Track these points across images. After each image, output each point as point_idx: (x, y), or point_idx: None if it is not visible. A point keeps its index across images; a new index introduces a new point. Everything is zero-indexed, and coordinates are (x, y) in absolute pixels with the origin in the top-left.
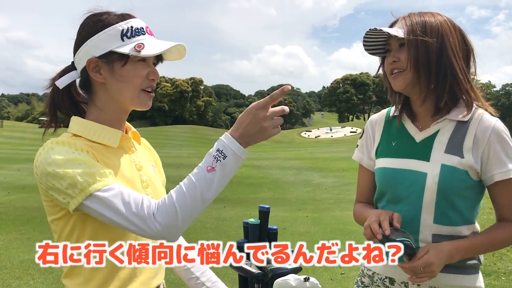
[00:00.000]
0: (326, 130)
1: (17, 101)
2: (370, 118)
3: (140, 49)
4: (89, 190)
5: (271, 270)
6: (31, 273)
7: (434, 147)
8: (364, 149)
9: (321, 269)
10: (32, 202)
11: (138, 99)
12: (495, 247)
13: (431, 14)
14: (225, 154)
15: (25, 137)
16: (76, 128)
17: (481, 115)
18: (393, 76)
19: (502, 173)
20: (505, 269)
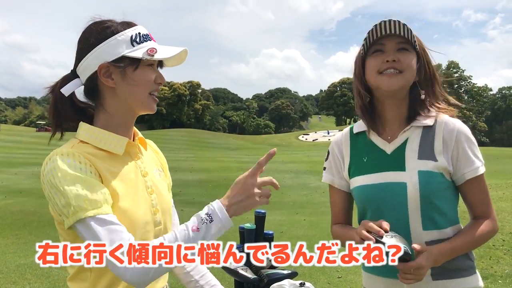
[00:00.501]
0: (323, 133)
1: (14, 104)
2: (333, 139)
3: (153, 53)
4: (79, 215)
5: (266, 275)
6: (27, 278)
7: (406, 155)
8: (333, 170)
9: (318, 273)
10: (29, 207)
11: (147, 103)
12: (475, 245)
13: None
14: (212, 218)
15: (22, 141)
16: (83, 135)
17: (445, 119)
18: (389, 74)
19: (471, 171)
20: (501, 272)
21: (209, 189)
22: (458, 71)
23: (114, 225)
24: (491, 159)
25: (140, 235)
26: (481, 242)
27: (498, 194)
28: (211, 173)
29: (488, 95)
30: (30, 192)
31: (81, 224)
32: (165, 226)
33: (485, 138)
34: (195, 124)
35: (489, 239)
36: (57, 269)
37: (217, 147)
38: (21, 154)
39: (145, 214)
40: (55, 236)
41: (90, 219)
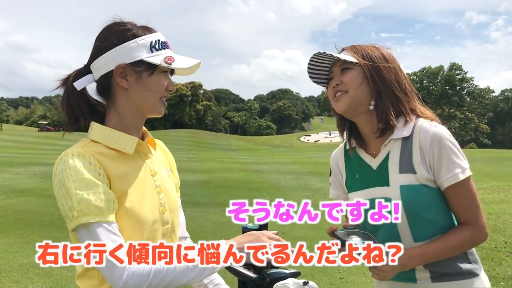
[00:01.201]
0: (325, 134)
1: (16, 104)
2: (332, 155)
3: (171, 62)
4: (80, 220)
5: (269, 275)
6: (30, 277)
7: (389, 170)
8: (337, 186)
9: (320, 273)
10: (31, 206)
11: (157, 107)
12: (452, 251)
13: (373, 47)
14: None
15: (24, 140)
16: (95, 134)
17: (420, 128)
18: (336, 98)
19: (450, 177)
20: (504, 274)
21: (210, 190)
22: (460, 73)
23: (115, 236)
24: (493, 161)
25: (148, 234)
26: (460, 249)
27: (500, 196)
28: (212, 174)
29: (491, 97)
30: (32, 192)
31: (84, 229)
32: (173, 225)
33: (487, 140)
34: (196, 125)
35: (472, 247)
36: (60, 268)
37: (218, 148)
38: (23, 154)
39: (153, 212)
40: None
41: (93, 225)
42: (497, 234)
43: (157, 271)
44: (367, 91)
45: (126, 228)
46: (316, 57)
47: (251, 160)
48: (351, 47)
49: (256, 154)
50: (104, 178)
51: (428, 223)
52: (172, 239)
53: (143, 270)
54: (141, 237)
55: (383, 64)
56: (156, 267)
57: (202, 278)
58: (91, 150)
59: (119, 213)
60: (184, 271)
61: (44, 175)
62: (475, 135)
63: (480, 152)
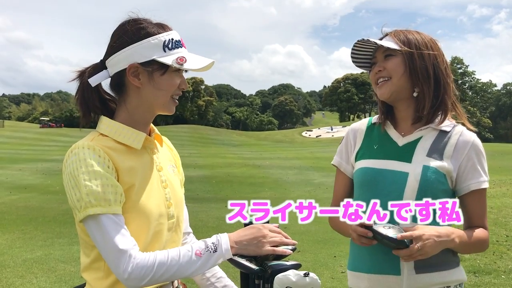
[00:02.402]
0: (327, 129)
1: (18, 101)
2: (351, 126)
3: (182, 62)
4: (88, 211)
5: (270, 266)
6: (34, 272)
7: (416, 151)
8: (343, 154)
9: (322, 267)
10: (34, 202)
11: (168, 105)
12: (477, 245)
13: (416, 32)
14: (216, 249)
15: (26, 137)
16: (104, 128)
17: (462, 129)
18: (379, 85)
19: (477, 182)
20: (505, 267)
21: (212, 185)
22: (462, 67)
23: (122, 228)
24: (495, 155)
25: (154, 228)
26: (477, 248)
27: (502, 190)
28: (214, 169)
29: (493, 90)
30: (35, 188)
31: (92, 221)
32: (178, 219)
33: (489, 134)
34: (198, 120)
35: (481, 250)
36: (63, 263)
37: (220, 143)
38: (25, 150)
39: (159, 206)
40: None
41: (101, 216)
42: (498, 227)
43: (161, 263)
44: (410, 78)
45: (132, 221)
46: (359, 43)
47: (253, 156)
48: (395, 33)
49: (258, 150)
50: (112, 170)
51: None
52: (177, 233)
53: (147, 262)
54: (147, 231)
55: (425, 51)
56: (161, 258)
57: (205, 270)
58: (100, 143)
59: (126, 206)
60: (187, 263)
61: (46, 171)
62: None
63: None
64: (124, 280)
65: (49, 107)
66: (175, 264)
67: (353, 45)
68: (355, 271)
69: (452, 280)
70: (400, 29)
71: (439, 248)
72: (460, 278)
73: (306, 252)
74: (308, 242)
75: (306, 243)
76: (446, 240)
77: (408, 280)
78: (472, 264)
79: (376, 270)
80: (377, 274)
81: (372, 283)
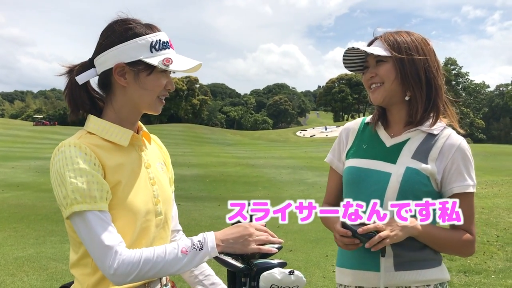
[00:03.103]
0: (321, 129)
1: (11, 98)
2: (345, 125)
3: (168, 64)
4: (74, 208)
5: (256, 264)
6: (25, 270)
7: (402, 153)
8: (336, 152)
9: (313, 267)
10: (26, 200)
11: (154, 105)
12: (452, 245)
13: (407, 34)
14: (202, 247)
15: (19, 134)
16: (91, 126)
17: (450, 133)
18: (372, 90)
19: (460, 186)
20: (495, 267)
21: (206, 184)
22: (456, 68)
23: (108, 225)
24: (488, 156)
25: (141, 224)
26: (454, 248)
27: (493, 190)
28: (208, 168)
29: (486, 92)
30: (27, 186)
31: (77, 217)
32: (166, 216)
33: (482, 135)
34: (192, 119)
35: (462, 253)
36: (55, 261)
37: (214, 142)
38: (19, 148)
39: (147, 203)
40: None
41: (87, 213)
42: (489, 228)
43: (147, 259)
44: (401, 83)
45: (120, 218)
46: (349, 50)
47: (247, 155)
48: (385, 37)
49: (252, 149)
50: (99, 168)
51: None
52: (165, 230)
53: (133, 258)
54: (134, 227)
55: (416, 56)
56: (147, 254)
57: (191, 267)
58: (87, 141)
59: (113, 202)
60: (173, 259)
61: (39, 169)
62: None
63: (475, 147)
64: (110, 276)
65: (43, 105)
66: (161, 261)
67: (343, 53)
68: (341, 267)
69: (432, 279)
70: (391, 32)
71: (404, 233)
72: (441, 277)
73: (298, 251)
74: (300, 241)
75: (298, 242)
76: (408, 226)
77: (386, 276)
78: (462, 264)
79: (358, 266)
80: (359, 270)
81: (354, 279)
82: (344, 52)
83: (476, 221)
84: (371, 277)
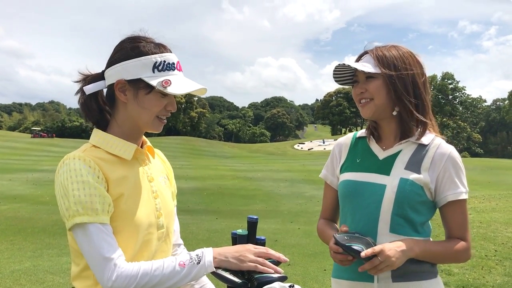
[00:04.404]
0: (319, 142)
1: (10, 110)
2: (337, 140)
3: (166, 86)
4: (75, 220)
5: (256, 278)
6: (21, 283)
7: (395, 164)
8: (329, 168)
9: (312, 281)
10: (24, 213)
11: (152, 124)
12: (448, 256)
13: (395, 48)
14: (199, 260)
15: (17, 146)
16: (96, 140)
17: (440, 142)
18: (361, 105)
19: (454, 194)
20: (493, 282)
21: (203, 197)
22: (453, 82)
23: (108, 237)
24: (485, 170)
25: (143, 237)
26: (450, 258)
27: (491, 205)
28: (206, 181)
29: (483, 106)
30: (25, 198)
31: (79, 229)
32: (168, 230)
33: (479, 149)
34: (190, 132)
35: (459, 261)
36: (52, 275)
37: (212, 155)
38: (16, 160)
39: (149, 216)
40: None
41: (88, 225)
42: (487, 242)
43: (144, 273)
44: (391, 99)
45: (122, 230)
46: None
47: (245, 168)
48: (375, 52)
49: (250, 162)
50: (102, 181)
51: (407, 220)
52: (167, 243)
53: (131, 271)
54: (136, 240)
55: (404, 72)
56: (145, 268)
57: (188, 280)
58: (92, 154)
59: (115, 215)
60: (170, 273)
61: (36, 182)
62: (468, 144)
63: (472, 161)
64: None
65: (41, 117)
66: (159, 274)
67: (333, 69)
68: (337, 278)
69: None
70: (379, 46)
71: (402, 258)
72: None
73: (296, 265)
74: (298, 255)
75: (297, 256)
76: (407, 250)
77: (384, 287)
78: (461, 279)
79: (355, 277)
80: (355, 281)
81: None
82: (334, 69)
83: (474, 236)
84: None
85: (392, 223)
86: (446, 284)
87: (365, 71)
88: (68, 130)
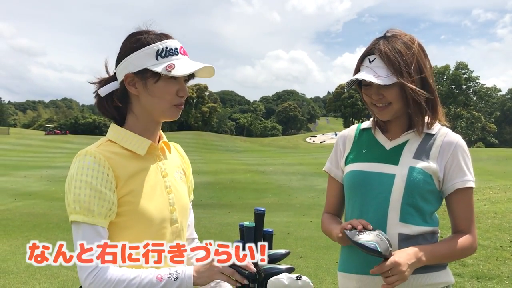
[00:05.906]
0: (331, 135)
1: (24, 108)
2: (340, 133)
3: (171, 69)
4: (71, 217)
5: (264, 270)
6: (37, 278)
7: (403, 154)
8: (333, 160)
9: (324, 273)
10: (38, 209)
11: (168, 112)
12: (455, 254)
13: (400, 42)
14: (177, 278)
15: (31, 144)
16: (112, 134)
17: (447, 131)
18: (380, 108)
19: (461, 181)
20: (508, 273)
21: (216, 191)
22: (466, 72)
23: (100, 239)
24: (500, 160)
25: (156, 232)
26: (457, 256)
27: (506, 195)
28: (218, 175)
29: (498, 95)
30: (39, 195)
31: (75, 226)
32: (181, 224)
33: (494, 139)
34: (202, 127)
35: (465, 256)
36: (66, 269)
37: (224, 149)
38: (30, 157)
39: (162, 211)
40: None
41: (81, 224)
42: (502, 233)
43: (121, 280)
44: (406, 101)
45: (134, 225)
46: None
47: (257, 162)
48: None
49: (262, 156)
50: (111, 179)
51: (416, 209)
52: (181, 238)
53: (109, 276)
54: (150, 235)
55: (417, 77)
56: (123, 274)
57: None
58: (106, 149)
59: (126, 209)
60: (147, 283)
61: (51, 178)
62: (482, 134)
63: (487, 151)
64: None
65: (54, 114)
66: (135, 283)
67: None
68: (345, 272)
69: (438, 282)
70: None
71: (411, 270)
72: (446, 281)
73: (309, 257)
74: (310, 248)
75: (309, 249)
76: (416, 261)
77: None
78: (475, 270)
79: (364, 271)
80: (365, 275)
81: (360, 284)
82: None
83: (489, 227)
84: (378, 282)
85: (402, 212)
86: (460, 275)
87: (381, 83)
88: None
